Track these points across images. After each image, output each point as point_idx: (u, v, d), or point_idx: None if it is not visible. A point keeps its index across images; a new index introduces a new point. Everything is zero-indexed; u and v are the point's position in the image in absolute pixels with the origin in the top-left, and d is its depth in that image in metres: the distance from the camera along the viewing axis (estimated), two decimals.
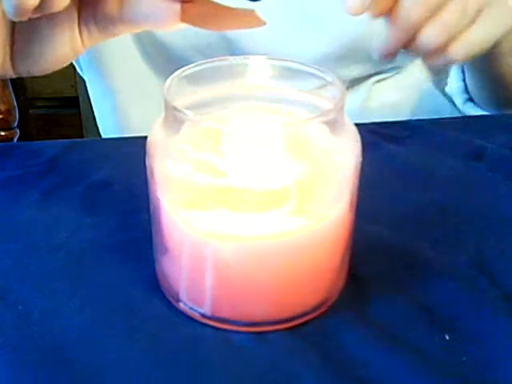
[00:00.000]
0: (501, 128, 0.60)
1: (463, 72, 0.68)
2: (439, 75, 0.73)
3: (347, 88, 0.73)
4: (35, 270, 0.41)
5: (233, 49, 0.67)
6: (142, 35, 0.67)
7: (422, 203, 0.49)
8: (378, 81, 0.75)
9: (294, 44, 0.67)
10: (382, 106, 0.75)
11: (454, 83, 0.69)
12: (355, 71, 0.71)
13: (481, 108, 0.68)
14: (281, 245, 0.35)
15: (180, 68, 0.37)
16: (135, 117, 0.73)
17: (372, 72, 0.73)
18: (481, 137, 0.57)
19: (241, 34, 0.66)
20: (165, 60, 0.68)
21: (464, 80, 0.68)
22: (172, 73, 0.37)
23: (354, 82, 0.73)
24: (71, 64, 0.78)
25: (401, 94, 0.76)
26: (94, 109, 0.79)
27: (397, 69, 0.74)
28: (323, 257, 0.37)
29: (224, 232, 0.35)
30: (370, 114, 0.75)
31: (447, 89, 0.70)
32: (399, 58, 0.72)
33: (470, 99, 0.69)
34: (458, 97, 0.69)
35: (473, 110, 0.69)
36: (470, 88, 0.68)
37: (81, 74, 0.78)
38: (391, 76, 0.75)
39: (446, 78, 0.72)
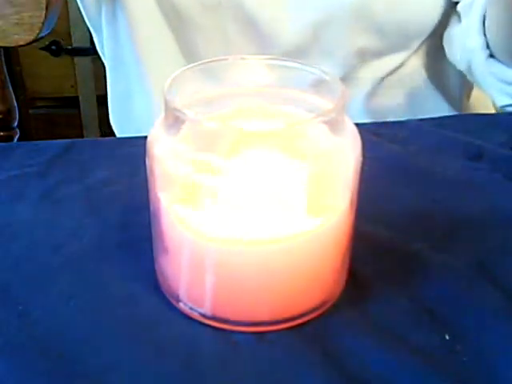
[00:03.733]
0: (501, 128, 0.60)
1: (484, 25, 0.65)
2: None
3: (356, 64, 0.73)
4: (35, 269, 0.41)
5: (241, 7, 0.68)
6: None
7: (422, 203, 0.49)
8: (382, 78, 0.74)
9: (297, 6, 0.68)
10: (385, 105, 0.75)
11: (474, 39, 0.66)
12: (361, 41, 0.71)
13: (503, 63, 0.66)
14: (281, 246, 0.35)
15: (187, 23, 0.36)
16: (155, 64, 0.75)
17: (380, 47, 0.72)
18: (481, 137, 0.57)
19: None
20: (177, 16, 0.69)
21: (485, 34, 0.65)
22: (183, 30, 0.36)
23: (364, 57, 0.72)
24: (71, 64, 0.79)
25: (404, 93, 0.76)
26: (109, 68, 0.79)
27: (405, 50, 0.73)
28: (324, 257, 0.37)
29: (224, 233, 0.35)
30: (374, 113, 0.75)
31: (467, 44, 0.67)
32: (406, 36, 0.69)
33: (491, 55, 0.67)
34: (480, 53, 0.66)
35: (495, 67, 0.66)
36: (491, 39, 0.65)
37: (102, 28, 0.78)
38: (395, 71, 0.75)
39: None
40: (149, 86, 0.76)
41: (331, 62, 0.73)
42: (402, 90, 0.77)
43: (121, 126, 0.85)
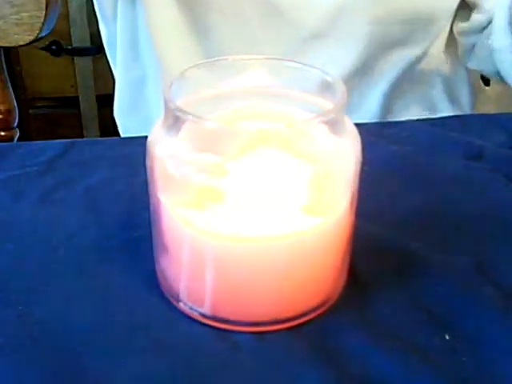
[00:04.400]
0: (501, 128, 0.60)
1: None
2: None
3: (376, 53, 0.72)
4: (35, 269, 0.41)
5: None
6: None
7: (421, 203, 0.49)
8: (403, 70, 0.74)
9: None
10: (403, 97, 0.75)
11: (501, 40, 0.65)
12: (380, 29, 0.70)
13: None
14: (281, 246, 0.35)
15: (204, 7, 0.35)
16: (169, 51, 0.75)
17: (398, 36, 0.71)
18: (481, 137, 0.57)
19: None
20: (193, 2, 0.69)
21: None
22: (199, 15, 0.35)
23: (383, 46, 0.71)
24: (71, 64, 0.79)
25: (421, 89, 0.76)
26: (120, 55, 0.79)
27: (423, 40, 0.73)
28: (324, 257, 0.37)
29: (224, 232, 0.35)
30: (393, 104, 0.74)
31: (494, 45, 0.67)
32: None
33: None
34: (508, 55, 0.66)
35: None
36: None
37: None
38: (414, 64, 0.74)
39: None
40: (162, 73, 0.76)
41: (350, 50, 0.71)
42: (420, 86, 0.76)
43: (126, 116, 0.85)
